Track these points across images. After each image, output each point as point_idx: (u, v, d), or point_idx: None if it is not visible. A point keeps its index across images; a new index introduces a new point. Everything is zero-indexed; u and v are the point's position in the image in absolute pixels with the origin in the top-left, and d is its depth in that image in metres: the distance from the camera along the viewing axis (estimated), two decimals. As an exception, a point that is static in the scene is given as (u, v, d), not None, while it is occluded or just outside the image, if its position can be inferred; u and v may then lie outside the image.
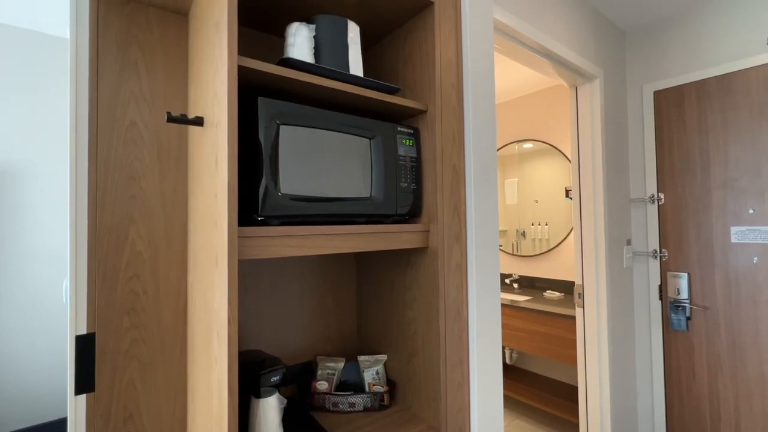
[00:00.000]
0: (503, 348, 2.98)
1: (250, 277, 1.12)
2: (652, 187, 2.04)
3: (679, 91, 1.97)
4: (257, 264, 1.14)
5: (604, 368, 1.86)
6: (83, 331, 0.94)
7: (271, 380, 0.85)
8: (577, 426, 2.49)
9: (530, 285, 2.99)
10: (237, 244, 0.67)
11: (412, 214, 1.02)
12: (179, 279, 1.06)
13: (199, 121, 0.86)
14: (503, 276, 3.16)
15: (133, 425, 0.98)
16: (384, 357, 1.18)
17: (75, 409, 1.23)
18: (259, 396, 0.86)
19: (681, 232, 1.95)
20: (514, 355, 2.97)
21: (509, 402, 2.88)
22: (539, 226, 2.97)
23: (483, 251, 1.10)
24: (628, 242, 2.07)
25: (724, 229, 1.82)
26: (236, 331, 0.66)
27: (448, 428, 1.01)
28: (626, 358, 2.02)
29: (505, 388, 2.68)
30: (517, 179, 3.16)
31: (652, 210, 2.04)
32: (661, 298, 2.01)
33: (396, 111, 1.05)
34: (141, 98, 1.00)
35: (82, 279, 0.97)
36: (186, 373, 1.06)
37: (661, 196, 2.02)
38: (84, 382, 0.92)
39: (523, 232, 3.08)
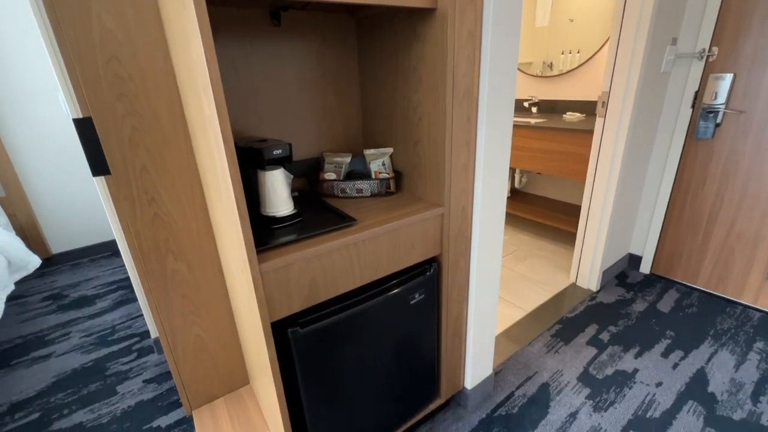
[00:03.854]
0: (512, 170, 3.02)
1: (239, 60, 1.03)
2: (724, -37, 1.64)
3: None
4: (246, 51, 1.02)
5: (614, 174, 1.86)
6: (80, 116, 0.92)
7: (274, 153, 0.85)
8: (574, 235, 2.71)
9: (550, 109, 2.81)
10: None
11: (418, -37, 0.82)
12: (165, 67, 0.98)
13: None
14: (521, 100, 2.96)
15: (157, 206, 1.06)
16: (390, 150, 1.16)
17: (104, 189, 1.36)
18: (264, 169, 0.88)
19: (743, 22, 1.65)
20: (524, 180, 3.03)
21: (513, 219, 3.09)
22: (569, 55, 2.59)
23: (502, 16, 0.94)
24: (674, 41, 1.80)
25: (799, 13, 1.51)
26: (218, 73, 0.60)
27: (451, 206, 1.06)
28: (639, 165, 2.00)
29: (510, 208, 2.83)
30: (551, -7, 2.60)
31: (715, -4, 1.68)
32: (693, 106, 1.85)
33: None
34: None
35: (65, 69, 0.90)
36: (195, 164, 1.08)
37: (733, -27, 1.63)
38: (97, 164, 0.95)
39: (551, 64, 2.72)
